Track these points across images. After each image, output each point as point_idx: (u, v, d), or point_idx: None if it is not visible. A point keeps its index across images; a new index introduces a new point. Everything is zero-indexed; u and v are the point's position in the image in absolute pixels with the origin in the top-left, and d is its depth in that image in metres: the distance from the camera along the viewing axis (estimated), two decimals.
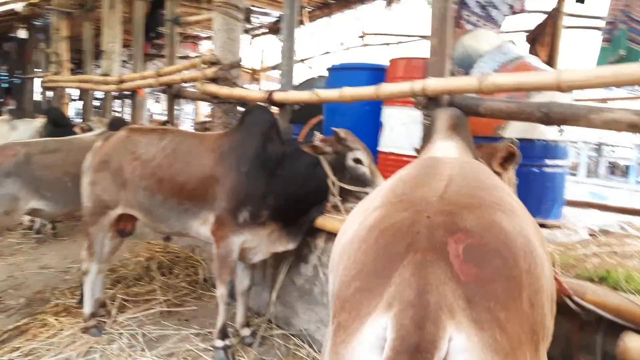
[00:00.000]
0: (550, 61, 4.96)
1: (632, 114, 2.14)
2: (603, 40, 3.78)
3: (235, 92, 4.45)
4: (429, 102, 2.77)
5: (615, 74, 1.94)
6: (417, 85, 2.71)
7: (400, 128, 4.09)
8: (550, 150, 3.40)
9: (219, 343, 3.06)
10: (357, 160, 3.13)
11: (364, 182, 3.13)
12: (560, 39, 4.87)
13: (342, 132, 3.19)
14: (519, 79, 2.26)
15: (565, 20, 4.95)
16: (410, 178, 1.36)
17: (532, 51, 5.05)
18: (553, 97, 3.22)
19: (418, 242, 1.06)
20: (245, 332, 3.30)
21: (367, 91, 3.12)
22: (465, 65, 3.61)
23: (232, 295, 3.48)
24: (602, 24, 4.32)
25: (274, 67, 9.20)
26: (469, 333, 0.93)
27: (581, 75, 2.06)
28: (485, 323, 0.94)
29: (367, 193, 3.10)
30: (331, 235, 3.20)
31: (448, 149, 1.80)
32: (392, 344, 0.93)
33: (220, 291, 3.11)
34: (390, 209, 1.20)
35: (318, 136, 3.27)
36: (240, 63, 4.82)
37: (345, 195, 3.12)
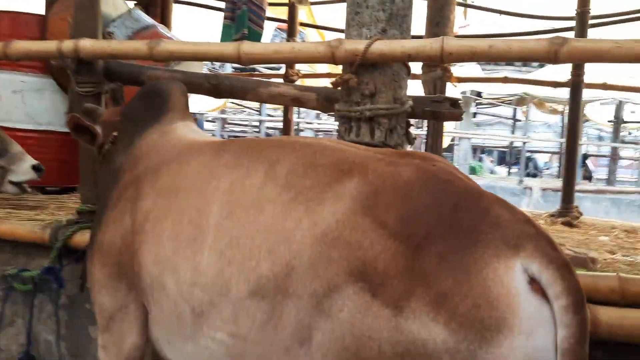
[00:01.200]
0: None
1: (295, 89, 2.37)
2: (226, 18, 4.02)
3: None
4: (80, 67, 2.37)
5: (292, 50, 2.09)
6: (67, 45, 2.27)
7: (12, 97, 3.38)
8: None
9: None
10: None
11: None
12: (172, 12, 4.91)
13: None
14: (197, 48, 2.17)
15: None
16: (302, 154, 1.26)
17: None
18: (188, 67, 3.26)
19: (465, 186, 1.08)
20: None
21: None
22: None
23: None
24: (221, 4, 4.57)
25: None
26: None
27: (261, 49, 2.12)
28: None
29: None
30: None
31: (196, 133, 1.61)
32: (558, 272, 0.95)
33: None
34: (376, 172, 1.12)
35: None
36: None
37: None
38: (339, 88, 2.13)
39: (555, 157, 17.15)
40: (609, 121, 14.08)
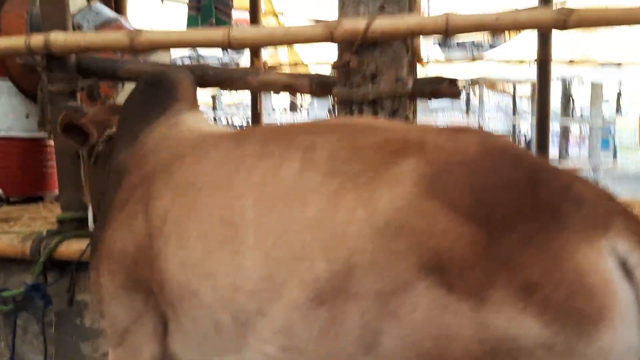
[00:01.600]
0: None
1: (286, 76, 2.26)
2: (190, 9, 3.84)
3: None
4: (51, 63, 2.18)
5: (287, 33, 1.98)
6: (37, 39, 2.07)
7: None
8: None
9: None
10: None
11: None
12: (127, 3, 4.70)
13: None
14: (183, 36, 2.03)
15: None
16: (340, 136, 1.13)
17: None
18: (157, 59, 3.08)
19: (539, 162, 1.01)
20: None
21: None
22: None
23: None
24: None
25: None
26: None
27: (252, 33, 2.01)
28: None
29: None
30: None
31: (208, 124, 1.47)
32: None
33: None
34: (436, 150, 1.01)
35: None
36: None
37: None
38: (336, 71, 2.04)
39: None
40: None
